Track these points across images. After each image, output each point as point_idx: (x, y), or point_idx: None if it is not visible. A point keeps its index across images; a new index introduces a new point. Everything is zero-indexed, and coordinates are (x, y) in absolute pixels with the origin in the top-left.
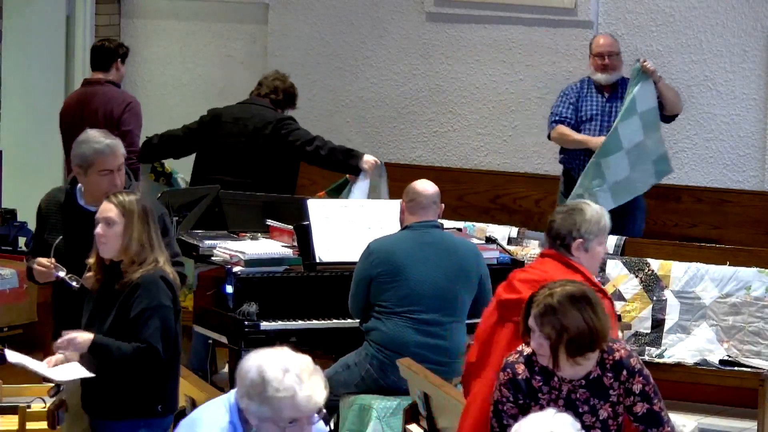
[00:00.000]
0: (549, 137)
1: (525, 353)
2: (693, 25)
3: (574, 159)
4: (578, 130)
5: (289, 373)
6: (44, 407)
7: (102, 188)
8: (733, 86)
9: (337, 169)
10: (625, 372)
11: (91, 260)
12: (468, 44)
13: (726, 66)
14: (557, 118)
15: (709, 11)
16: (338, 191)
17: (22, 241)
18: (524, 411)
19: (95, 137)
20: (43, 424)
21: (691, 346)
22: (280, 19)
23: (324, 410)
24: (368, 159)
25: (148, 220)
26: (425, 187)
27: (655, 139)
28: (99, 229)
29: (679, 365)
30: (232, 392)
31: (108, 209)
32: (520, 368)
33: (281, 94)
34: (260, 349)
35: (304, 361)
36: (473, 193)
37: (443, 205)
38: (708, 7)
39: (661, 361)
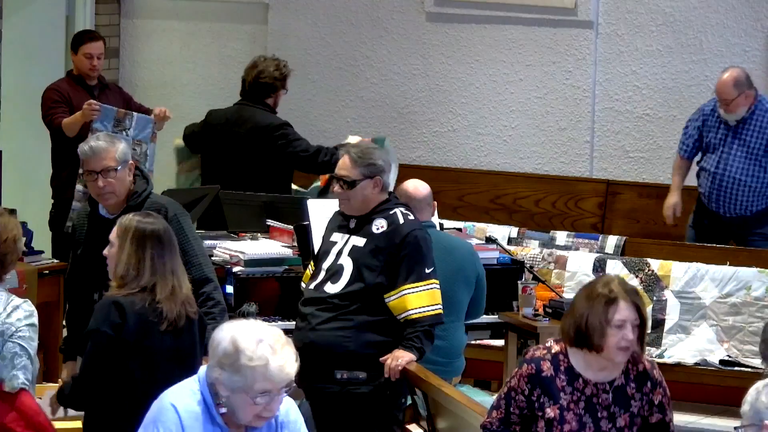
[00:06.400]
0: None
1: (553, 351)
2: (693, 25)
3: (703, 182)
4: (703, 156)
5: (262, 343)
6: None
7: (92, 190)
8: None
9: None
10: (649, 383)
11: None
12: (468, 44)
13: (726, 66)
14: (680, 147)
15: (709, 11)
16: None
17: (21, 241)
18: (532, 406)
19: (92, 137)
20: None
21: (691, 346)
22: (280, 19)
23: (294, 384)
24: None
25: (145, 244)
26: (418, 189)
27: None
28: (105, 251)
29: (679, 365)
30: (203, 369)
31: (113, 230)
32: (546, 365)
33: (260, 84)
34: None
35: (277, 332)
36: (473, 193)
37: (435, 202)
38: (708, 7)
39: (661, 361)
